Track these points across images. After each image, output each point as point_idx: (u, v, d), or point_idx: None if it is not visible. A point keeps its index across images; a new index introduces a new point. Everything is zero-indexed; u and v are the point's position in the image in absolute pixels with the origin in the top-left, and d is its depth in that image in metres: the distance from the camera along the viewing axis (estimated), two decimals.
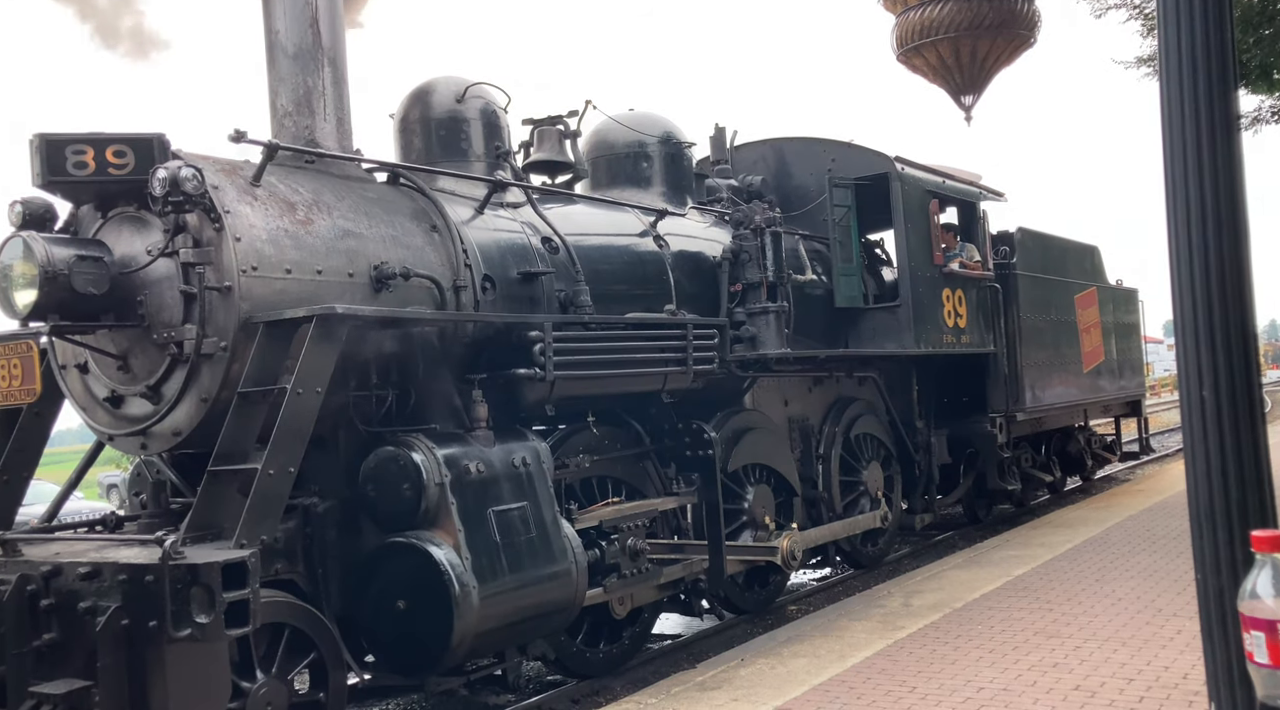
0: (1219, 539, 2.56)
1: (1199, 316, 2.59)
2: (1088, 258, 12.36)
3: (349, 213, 5.21)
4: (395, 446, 4.84)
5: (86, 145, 4.51)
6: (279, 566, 4.56)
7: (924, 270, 8.87)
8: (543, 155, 7.18)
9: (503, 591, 4.83)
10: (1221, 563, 2.57)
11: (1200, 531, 2.61)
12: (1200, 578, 2.68)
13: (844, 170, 8.82)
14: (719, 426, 6.95)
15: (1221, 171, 2.77)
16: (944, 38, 6.65)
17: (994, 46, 6.70)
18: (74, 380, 5.02)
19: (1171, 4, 2.85)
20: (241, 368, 4.49)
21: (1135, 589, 6.52)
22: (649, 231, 7.14)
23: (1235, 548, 2.53)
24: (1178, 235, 2.75)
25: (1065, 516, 10.21)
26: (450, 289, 5.49)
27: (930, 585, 7.22)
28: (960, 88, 6.57)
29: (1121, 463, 14.69)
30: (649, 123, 7.98)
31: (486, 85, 6.48)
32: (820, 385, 8.48)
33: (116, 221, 4.79)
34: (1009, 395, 9.94)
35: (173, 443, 4.76)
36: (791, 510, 7.74)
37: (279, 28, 5.46)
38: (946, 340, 9.07)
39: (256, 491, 4.11)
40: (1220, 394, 2.54)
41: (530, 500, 5.16)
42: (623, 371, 6.09)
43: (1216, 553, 2.58)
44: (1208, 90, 2.78)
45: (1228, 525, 2.54)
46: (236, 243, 4.58)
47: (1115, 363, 12.52)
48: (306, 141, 5.41)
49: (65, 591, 3.97)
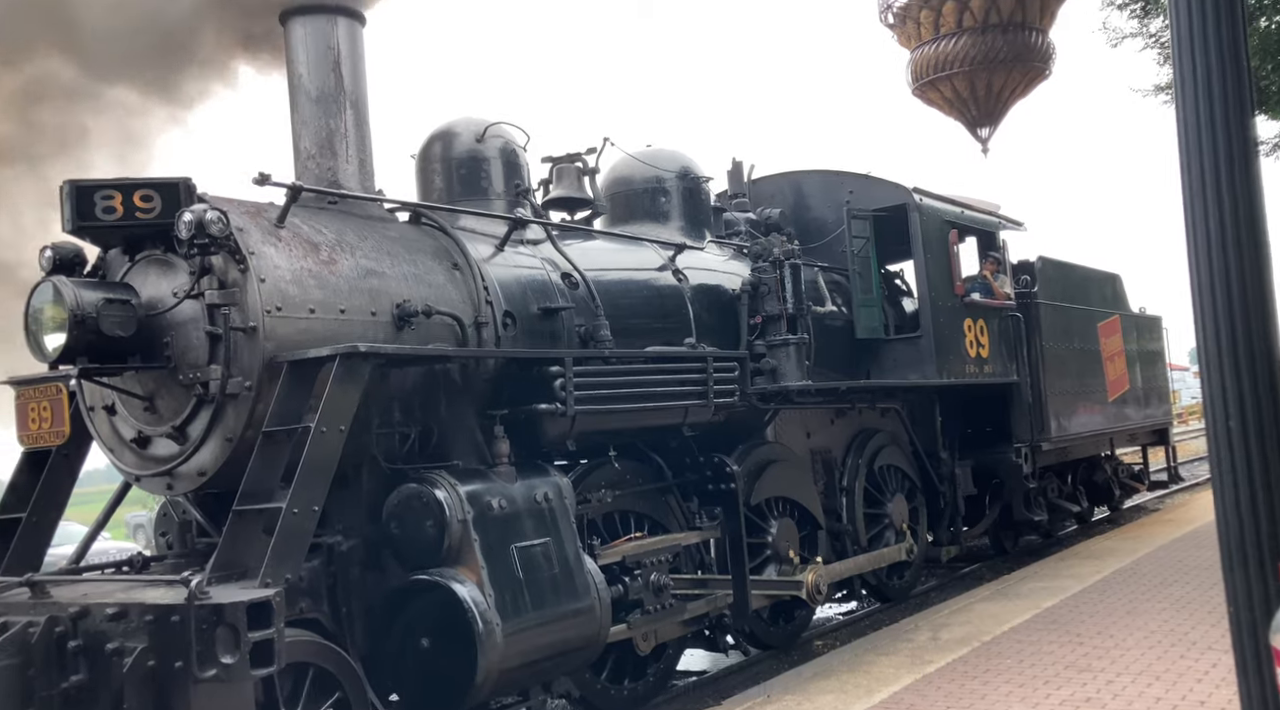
0: (1250, 572, 2.52)
1: (1222, 346, 2.57)
2: (1109, 285, 12.28)
3: (371, 252, 5.27)
4: (418, 483, 4.86)
5: (115, 190, 4.59)
6: (303, 605, 4.56)
7: (945, 300, 8.84)
8: (562, 192, 7.25)
9: (526, 628, 4.81)
10: (1254, 596, 2.53)
11: (1231, 564, 2.57)
12: (1233, 611, 2.63)
13: (862, 202, 8.83)
14: (741, 459, 6.93)
15: (1241, 198, 2.76)
16: (959, 71, 6.69)
17: (1009, 79, 6.74)
18: (102, 422, 5.07)
19: (1186, 32, 2.85)
20: (266, 407, 4.53)
21: (1168, 621, 6.41)
22: (668, 265, 7.17)
23: (1267, 580, 2.49)
24: (1199, 263, 2.73)
25: (1094, 547, 10.07)
26: (472, 325, 5.53)
27: (958, 619, 7.13)
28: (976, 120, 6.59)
29: (1150, 492, 14.47)
30: (666, 158, 8.05)
31: (506, 124, 6.56)
32: (843, 417, 8.44)
33: (144, 264, 4.87)
34: (1033, 425, 9.85)
35: (198, 483, 4.80)
36: (816, 544, 7.68)
37: (302, 72, 5.57)
38: (969, 370, 9.02)
39: (281, 530, 4.13)
40: (1247, 424, 2.51)
41: (553, 536, 5.15)
42: (643, 405, 6.09)
43: (1248, 586, 2.53)
44: (1225, 117, 2.78)
45: (1259, 558, 2.50)
46: (261, 284, 4.64)
47: (1140, 391, 12.38)
48: (329, 183, 5.49)
49: (93, 633, 3.99)
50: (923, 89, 6.85)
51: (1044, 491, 10.67)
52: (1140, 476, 13.71)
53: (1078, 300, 11.16)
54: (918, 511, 9.00)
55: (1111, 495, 12.88)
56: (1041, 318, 10.18)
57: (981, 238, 10.06)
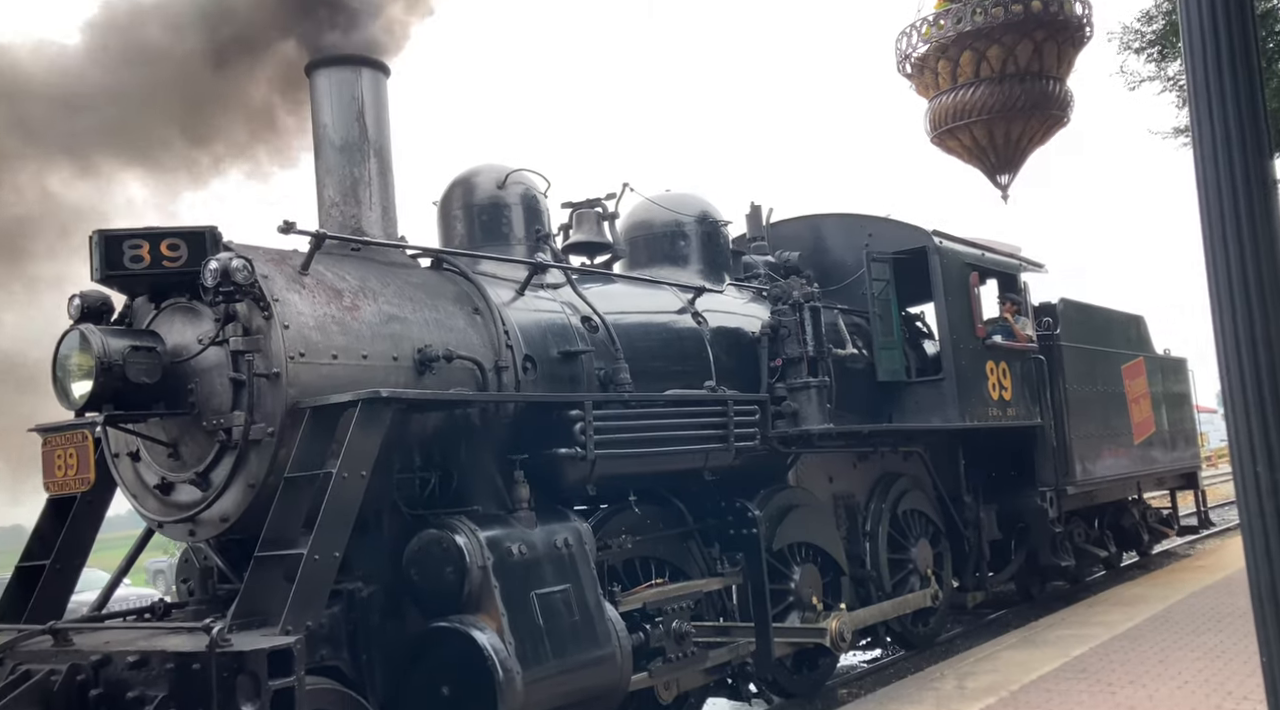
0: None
1: (1248, 390, 2.55)
2: (1133, 327, 12.20)
3: (394, 298, 5.32)
4: (438, 529, 4.85)
5: (142, 240, 4.67)
6: (324, 653, 4.54)
7: (966, 343, 8.81)
8: (582, 236, 7.32)
9: (547, 677, 4.76)
10: None
11: (1262, 612, 2.52)
12: (1266, 661, 2.58)
13: (881, 245, 8.84)
14: (762, 504, 6.88)
15: (1262, 241, 2.75)
16: (977, 120, 6.74)
17: (1027, 127, 6.77)
18: (126, 468, 5.11)
19: (1202, 77, 2.87)
20: (288, 453, 4.56)
21: (1202, 671, 6.27)
22: (687, 308, 7.20)
23: None
24: (1221, 305, 2.72)
25: (1123, 594, 9.89)
26: (492, 370, 5.56)
27: (984, 666, 7.01)
28: (995, 167, 6.62)
29: (1180, 537, 14.24)
30: (685, 202, 8.11)
31: (527, 171, 6.65)
32: (865, 461, 8.38)
33: (169, 312, 4.93)
34: (1058, 468, 9.74)
35: (220, 529, 4.81)
36: (839, 590, 7.59)
37: (326, 122, 5.68)
38: (992, 413, 8.95)
39: (302, 577, 4.13)
40: (1275, 469, 2.48)
41: (573, 582, 5.12)
42: (664, 449, 6.07)
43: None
44: (1243, 161, 2.78)
45: None
46: (285, 330, 4.69)
47: (1167, 433, 12.24)
48: (353, 230, 5.57)
49: (114, 681, 3.99)
50: (941, 137, 6.91)
51: (1070, 536, 10.52)
52: (1169, 521, 13.49)
53: (1101, 342, 11.09)
54: (942, 557, 8.89)
55: (1140, 540, 12.68)
56: (1065, 360, 10.11)
57: (1002, 280, 10.04)
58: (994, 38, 6.56)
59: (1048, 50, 6.89)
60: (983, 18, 6.39)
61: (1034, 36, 6.74)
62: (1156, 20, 11.66)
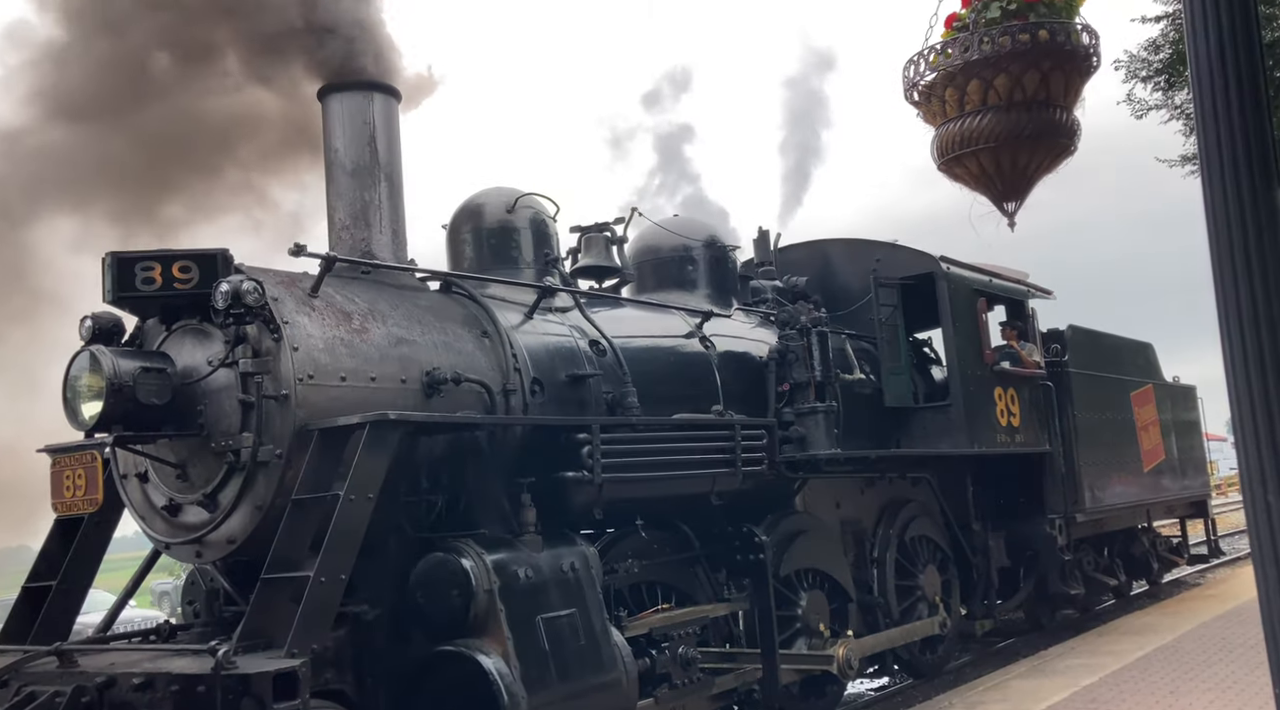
0: None
1: (1258, 419, 2.54)
2: (1142, 355, 12.17)
3: (402, 321, 5.34)
4: (445, 552, 4.84)
5: (154, 262, 4.71)
6: (328, 676, 4.52)
7: (974, 369, 8.80)
8: (590, 261, 7.35)
9: (552, 702, 4.73)
10: None
11: (1275, 643, 2.49)
12: (1278, 693, 2.55)
13: (889, 270, 8.86)
14: (770, 530, 6.85)
15: (1271, 269, 2.75)
16: (984, 147, 6.75)
17: (1034, 155, 6.79)
18: (134, 489, 5.12)
19: (1209, 107, 2.88)
20: (296, 474, 4.56)
21: (1213, 703, 6.20)
22: (695, 333, 7.21)
23: None
24: (1230, 334, 2.71)
25: (1133, 623, 9.81)
26: (500, 393, 5.57)
27: (993, 695, 6.95)
28: (1002, 195, 6.63)
29: (1190, 566, 14.13)
30: (693, 227, 8.15)
31: (536, 196, 6.69)
32: (872, 487, 8.35)
33: (180, 334, 4.96)
34: (1067, 496, 9.68)
35: (227, 551, 4.81)
36: (846, 617, 7.54)
37: (338, 146, 5.73)
38: (1000, 440, 8.92)
39: (308, 599, 4.12)
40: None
41: (579, 607, 5.10)
42: (671, 473, 6.06)
43: None
44: (1251, 188, 2.79)
45: None
46: (294, 352, 4.71)
47: (1177, 461, 12.17)
48: (363, 253, 5.60)
49: (119, 703, 3.98)
50: (948, 165, 6.94)
51: (1080, 564, 10.44)
52: (1179, 550, 13.39)
53: (1110, 369, 11.06)
54: (950, 584, 8.83)
55: (1150, 569, 12.59)
56: (1073, 387, 10.08)
57: (1010, 306, 10.04)
58: (1001, 66, 6.60)
59: (1055, 79, 6.93)
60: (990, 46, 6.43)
61: (1041, 66, 6.78)
62: (1163, 49, 11.72)
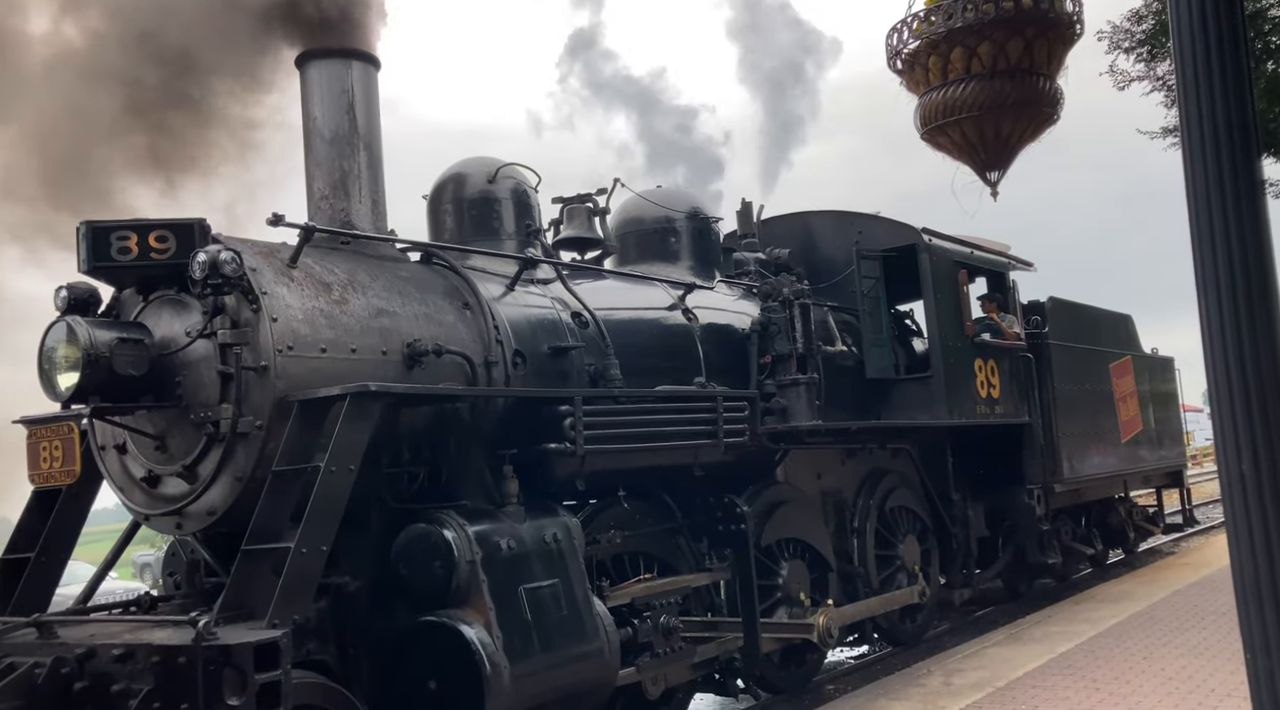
0: (1267, 618, 2.48)
1: (1234, 388, 2.55)
2: (1121, 326, 12.25)
3: (383, 292, 5.30)
4: (427, 523, 4.84)
5: (130, 231, 4.64)
6: (310, 647, 4.53)
7: (955, 341, 8.83)
8: (572, 232, 7.31)
9: (535, 671, 4.76)
10: (1271, 643, 2.48)
11: (1247, 610, 2.52)
12: (1250, 659, 2.59)
13: (871, 242, 8.86)
14: (751, 500, 6.89)
15: (1250, 241, 2.76)
16: (967, 116, 6.76)
17: (1017, 123, 6.81)
18: (112, 461, 5.08)
19: (1191, 77, 2.87)
20: (276, 446, 4.54)
21: (1186, 667, 6.31)
22: (678, 305, 7.20)
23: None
24: (1208, 306, 2.73)
25: (1109, 591, 9.95)
26: (482, 365, 5.55)
27: (971, 663, 7.04)
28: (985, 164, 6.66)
29: (1165, 535, 14.33)
30: (676, 199, 8.11)
31: (517, 166, 6.63)
32: (853, 458, 8.40)
33: (157, 304, 4.91)
34: (1046, 466, 9.78)
35: (207, 522, 4.79)
36: (827, 586, 7.61)
37: (316, 114, 5.65)
38: (980, 411, 8.98)
39: (289, 571, 4.12)
40: (1260, 468, 2.48)
41: (561, 577, 5.12)
42: (653, 445, 6.07)
43: (1265, 632, 2.49)
44: (1231, 161, 2.79)
45: (1275, 604, 2.46)
46: (273, 323, 4.67)
47: (1154, 432, 12.30)
48: (342, 223, 5.55)
49: (99, 674, 3.97)
50: (931, 134, 6.91)
51: (1057, 534, 10.56)
52: (1155, 519, 13.58)
53: (1089, 341, 11.14)
54: (930, 553, 8.91)
55: (1126, 538, 12.75)
56: (1053, 358, 10.15)
57: (991, 278, 10.07)
58: (985, 33, 6.60)
59: (1038, 47, 6.93)
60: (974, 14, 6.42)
61: (1025, 33, 6.78)
62: (1146, 20, 11.68)
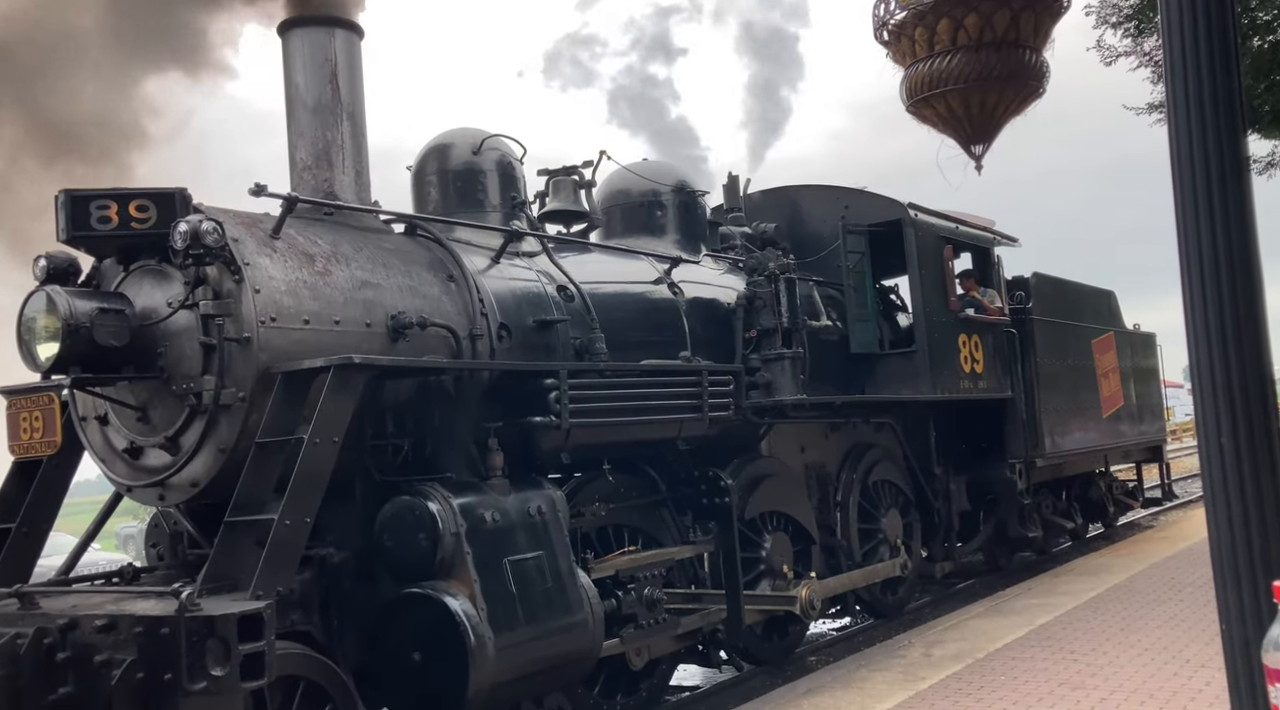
0: (1243, 590, 2.52)
1: (1215, 363, 2.58)
2: (1104, 302, 12.32)
3: (366, 264, 5.26)
4: (411, 496, 4.84)
5: (110, 200, 4.58)
6: (294, 618, 4.54)
7: (939, 316, 8.86)
8: (558, 205, 7.27)
9: (519, 643, 4.79)
10: (1246, 613, 2.52)
11: (1224, 582, 2.57)
12: (1225, 629, 2.63)
13: (857, 217, 8.86)
14: (735, 474, 6.92)
15: (1234, 216, 2.77)
16: (953, 89, 6.75)
17: (1003, 96, 6.80)
18: (94, 432, 5.05)
19: (1179, 52, 2.87)
20: (259, 418, 4.52)
21: (1162, 639, 6.40)
22: (663, 279, 7.18)
23: (1260, 598, 2.49)
24: (1191, 281, 2.74)
25: (1088, 564, 10.06)
26: (466, 337, 5.53)
27: (951, 635, 7.12)
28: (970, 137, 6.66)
29: (1144, 509, 14.49)
30: (662, 172, 8.07)
31: (503, 137, 6.58)
32: (837, 432, 8.44)
33: (138, 275, 4.86)
34: (1028, 441, 9.85)
35: (190, 494, 4.78)
36: (810, 559, 7.66)
37: (299, 82, 5.57)
38: (963, 386, 9.03)
39: (273, 542, 4.11)
40: (1239, 442, 2.51)
41: (546, 549, 5.14)
42: (638, 418, 6.08)
43: (1240, 603, 2.53)
44: (1216, 136, 2.79)
45: (1251, 576, 2.50)
46: (256, 294, 4.64)
47: (1135, 407, 12.41)
48: (325, 194, 5.49)
49: (82, 644, 3.96)
50: (917, 106, 6.90)
51: (1038, 508, 10.67)
52: (1134, 493, 13.73)
53: (1072, 317, 11.19)
54: (912, 527, 8.99)
55: (1106, 512, 12.90)
56: (1036, 334, 10.20)
57: (976, 253, 10.09)
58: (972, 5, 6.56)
59: (1025, 20, 6.91)
60: None
61: (1011, 5, 6.75)
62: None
